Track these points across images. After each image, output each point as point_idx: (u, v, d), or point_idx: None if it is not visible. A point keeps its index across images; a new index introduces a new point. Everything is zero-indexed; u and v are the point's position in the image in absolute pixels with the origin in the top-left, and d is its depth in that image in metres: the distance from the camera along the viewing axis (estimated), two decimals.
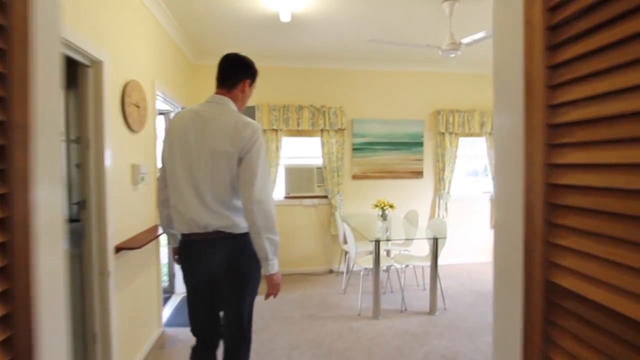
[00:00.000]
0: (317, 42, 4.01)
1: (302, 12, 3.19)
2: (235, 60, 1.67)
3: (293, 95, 4.62)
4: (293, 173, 4.65)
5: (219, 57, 1.69)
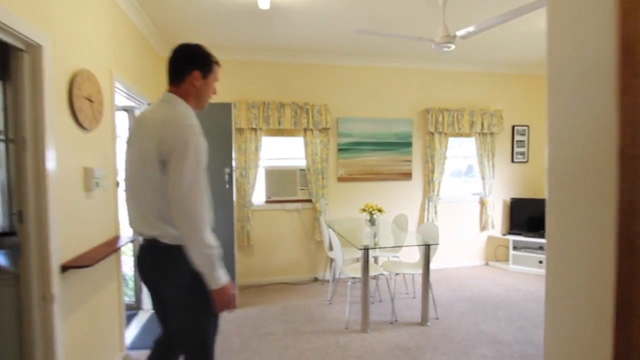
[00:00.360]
0: (299, 34, 3.74)
1: None
2: (180, 51, 1.52)
3: (274, 92, 4.34)
4: (274, 176, 4.39)
5: None
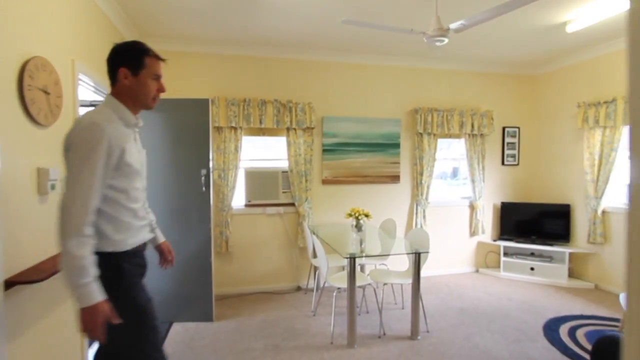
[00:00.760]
0: (283, 25, 3.49)
1: None
2: (111, 51, 1.47)
3: (255, 88, 4.07)
4: (255, 177, 4.12)
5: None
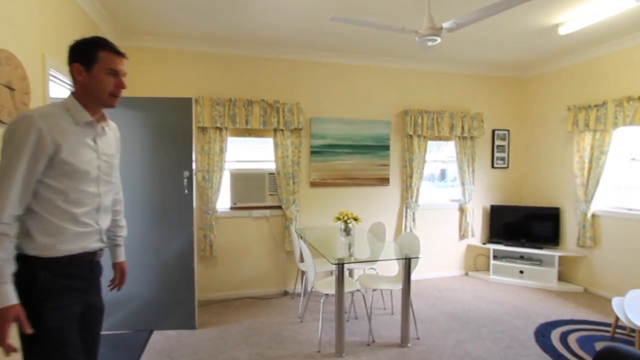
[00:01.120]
0: (270, 23, 3.38)
1: None
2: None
3: (241, 88, 3.95)
4: (241, 180, 3.99)
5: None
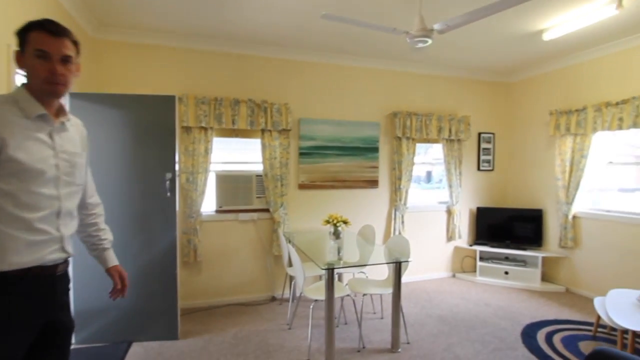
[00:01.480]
0: (258, 19, 3.28)
1: None
2: None
3: (227, 87, 3.83)
4: (227, 182, 3.87)
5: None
